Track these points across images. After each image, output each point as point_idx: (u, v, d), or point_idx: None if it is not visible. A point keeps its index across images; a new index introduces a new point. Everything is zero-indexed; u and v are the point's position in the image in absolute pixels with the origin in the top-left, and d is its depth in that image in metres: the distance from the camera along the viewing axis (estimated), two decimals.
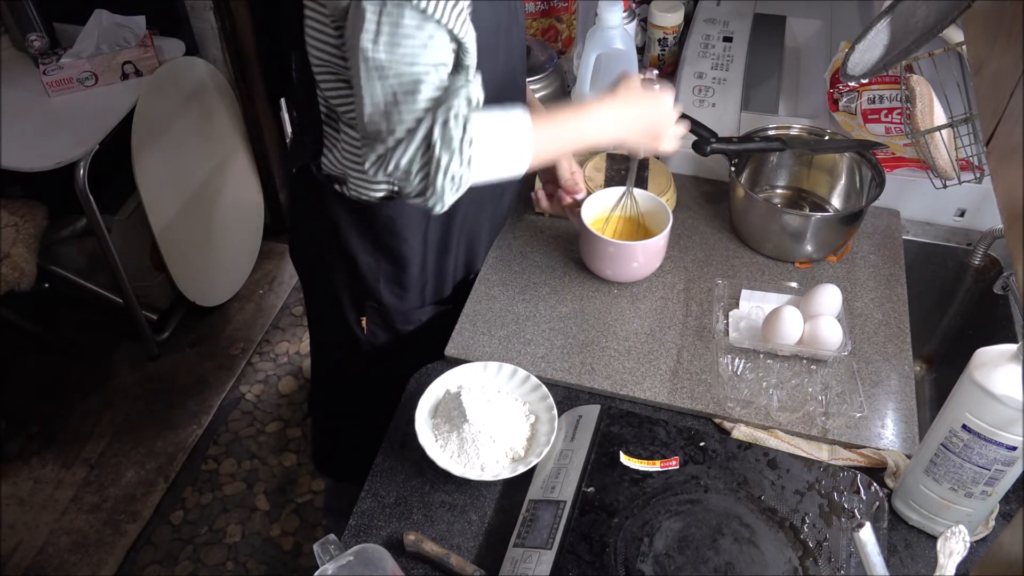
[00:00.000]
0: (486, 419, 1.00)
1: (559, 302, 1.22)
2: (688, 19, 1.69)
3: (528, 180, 1.42)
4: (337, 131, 1.08)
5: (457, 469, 0.98)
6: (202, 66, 2.23)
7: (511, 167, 1.00)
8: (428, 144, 0.92)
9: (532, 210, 1.37)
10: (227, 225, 2.45)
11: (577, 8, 1.71)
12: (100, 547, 1.97)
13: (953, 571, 0.79)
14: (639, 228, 1.26)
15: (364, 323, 1.27)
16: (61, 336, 2.48)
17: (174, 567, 1.93)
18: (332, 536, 0.86)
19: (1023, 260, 0.59)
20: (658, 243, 1.20)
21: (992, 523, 0.95)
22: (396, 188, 1.10)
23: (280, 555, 1.95)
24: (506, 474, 0.98)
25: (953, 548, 0.79)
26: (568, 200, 1.23)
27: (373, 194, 1.12)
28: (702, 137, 1.28)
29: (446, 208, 0.97)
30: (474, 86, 0.95)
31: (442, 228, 1.20)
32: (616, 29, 1.33)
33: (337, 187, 1.14)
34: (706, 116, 1.34)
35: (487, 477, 0.97)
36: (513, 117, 0.98)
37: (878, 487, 0.95)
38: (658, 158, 1.41)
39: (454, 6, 0.89)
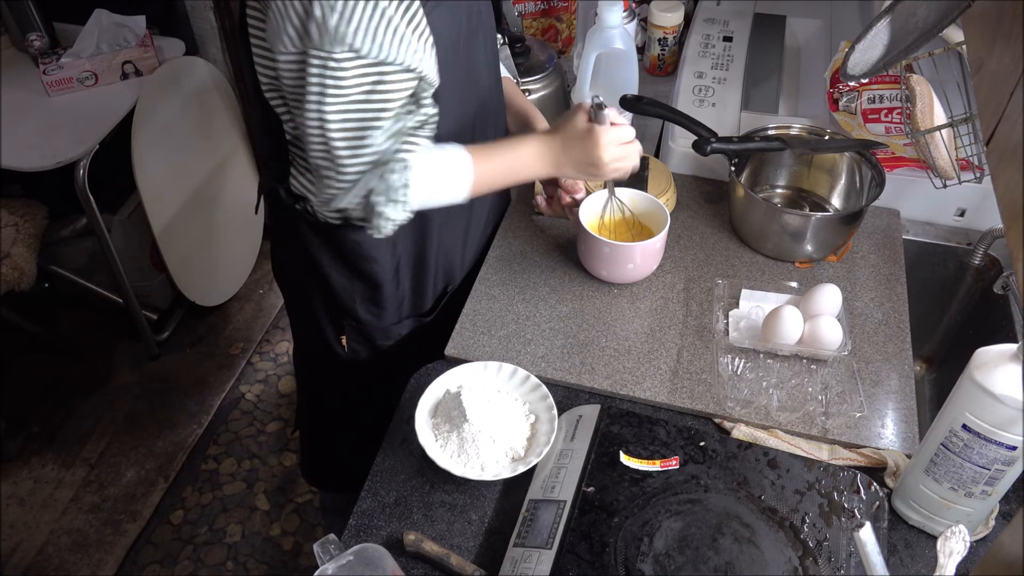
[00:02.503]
0: (486, 419, 1.00)
1: (559, 302, 1.22)
2: (688, 19, 1.69)
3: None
4: (305, 157, 1.08)
5: (457, 469, 0.98)
6: (202, 66, 2.23)
7: (449, 200, 1.06)
8: (369, 192, 0.98)
9: (532, 211, 1.37)
10: (227, 225, 2.45)
11: (577, 8, 1.72)
12: (100, 547, 1.97)
13: (953, 571, 0.79)
14: (639, 229, 1.26)
15: (344, 341, 1.28)
16: (61, 336, 2.48)
17: (174, 567, 1.93)
18: (332, 536, 0.86)
19: (1023, 260, 0.59)
20: (654, 245, 1.20)
21: (992, 523, 0.95)
22: None
23: (280, 555, 1.95)
24: (506, 474, 0.98)
25: (953, 548, 0.79)
26: (568, 200, 1.23)
27: (332, 218, 1.13)
28: (702, 137, 1.28)
29: (388, 234, 1.03)
30: (423, 133, 1.00)
31: (415, 246, 1.20)
32: (616, 29, 1.33)
33: (308, 209, 1.14)
34: (706, 116, 1.34)
35: (487, 477, 0.97)
36: (453, 157, 1.03)
37: (878, 487, 0.95)
38: (645, 160, 1.41)
39: (399, 41, 0.90)
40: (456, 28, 1.03)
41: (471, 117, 1.14)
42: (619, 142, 1.08)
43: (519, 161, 1.09)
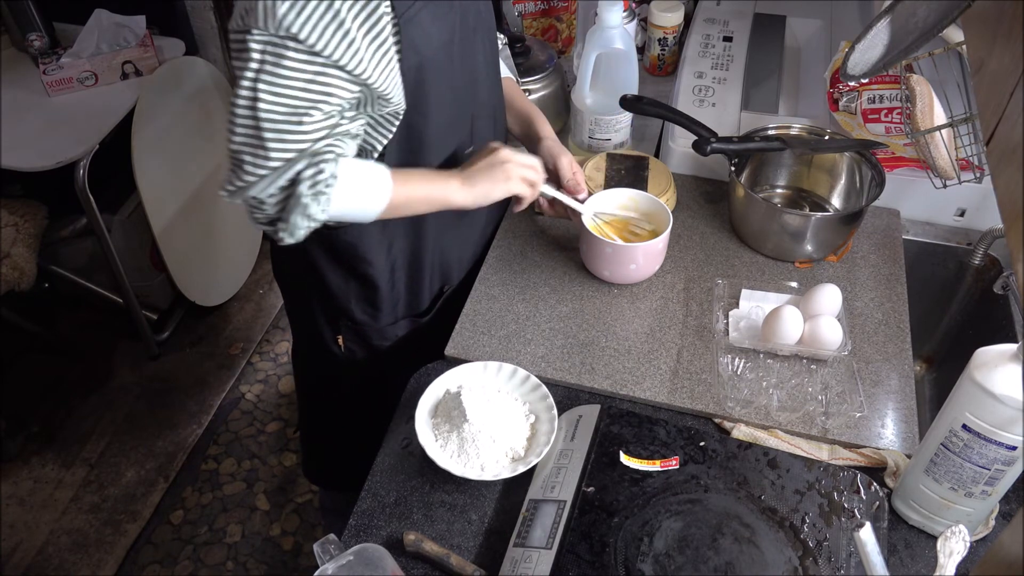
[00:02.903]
0: (486, 419, 1.00)
1: (559, 302, 1.22)
2: (688, 19, 1.69)
3: None
4: None
5: (457, 469, 0.98)
6: (202, 66, 2.23)
7: (362, 213, 1.04)
8: (293, 183, 0.95)
9: (533, 211, 1.37)
10: (227, 225, 2.45)
11: (577, 8, 1.72)
12: (100, 547, 1.97)
13: (953, 571, 0.79)
14: (641, 229, 1.26)
15: (341, 341, 1.28)
16: (61, 336, 2.48)
17: (174, 567, 1.93)
18: (332, 536, 0.86)
19: (1023, 260, 0.59)
20: (656, 245, 1.20)
21: (992, 523, 0.95)
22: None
23: (280, 555, 1.95)
24: (506, 474, 0.98)
25: (953, 548, 0.79)
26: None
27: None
28: (702, 137, 1.28)
29: (297, 241, 1.01)
30: (349, 141, 0.99)
31: (410, 248, 1.20)
32: (616, 29, 1.33)
33: None
34: (706, 116, 1.34)
35: (487, 477, 0.97)
36: (375, 170, 1.02)
37: (878, 487, 0.95)
38: (638, 159, 1.41)
39: (347, 44, 0.89)
40: (448, 28, 1.02)
41: (468, 117, 1.14)
42: (512, 149, 1.11)
43: (435, 184, 1.08)
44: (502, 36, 1.40)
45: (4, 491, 2.08)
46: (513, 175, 1.10)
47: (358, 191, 1.01)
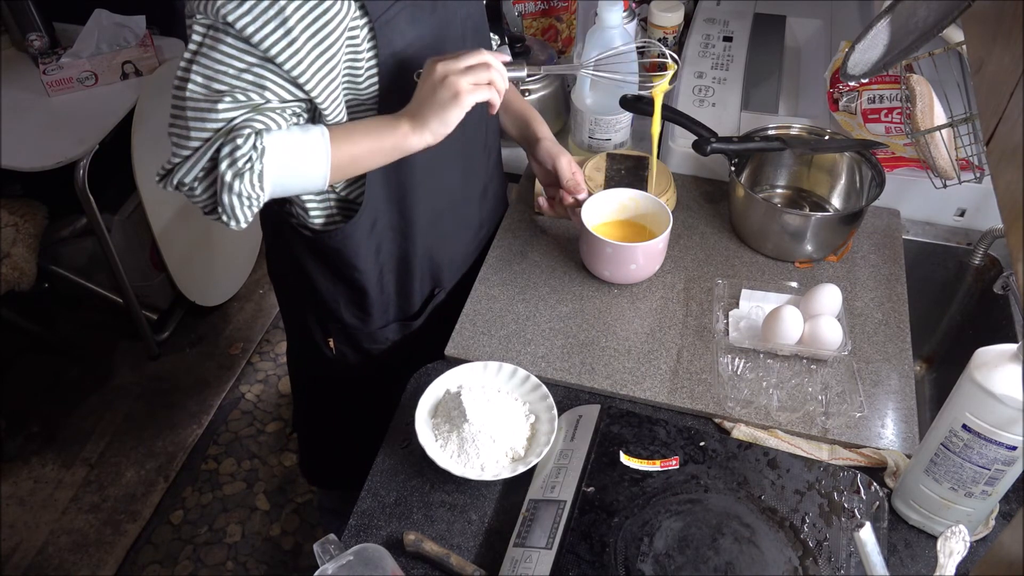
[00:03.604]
0: (486, 419, 1.00)
1: (559, 302, 1.22)
2: (688, 19, 1.69)
3: (528, 183, 1.42)
4: None
5: (457, 469, 0.98)
6: None
7: (309, 182, 0.98)
8: (214, 163, 0.93)
9: (533, 211, 1.37)
10: None
11: (577, 8, 1.71)
12: (100, 547, 1.97)
13: (953, 571, 0.79)
14: (641, 229, 1.26)
15: (332, 344, 1.28)
16: (61, 336, 2.48)
17: (174, 567, 1.93)
18: (332, 536, 0.86)
19: (1023, 260, 0.59)
20: (656, 245, 1.19)
21: (992, 523, 0.95)
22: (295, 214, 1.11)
23: (280, 555, 1.95)
24: (506, 474, 0.98)
25: (953, 548, 0.79)
26: (570, 200, 1.23)
27: (311, 222, 1.13)
28: (702, 137, 1.28)
29: (244, 225, 0.96)
30: (269, 120, 0.94)
31: (398, 252, 1.19)
32: (616, 29, 1.33)
33: (292, 212, 1.14)
34: (706, 116, 1.34)
35: (487, 477, 0.97)
36: (309, 133, 0.96)
37: (878, 487, 0.95)
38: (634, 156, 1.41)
39: (288, 43, 0.89)
40: (429, 30, 1.01)
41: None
42: (450, 58, 0.96)
43: (382, 131, 0.98)
44: (501, 36, 1.40)
45: (4, 491, 2.08)
46: (461, 86, 0.94)
47: (292, 160, 0.95)
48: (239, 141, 0.91)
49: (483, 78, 0.96)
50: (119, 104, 1.99)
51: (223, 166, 0.92)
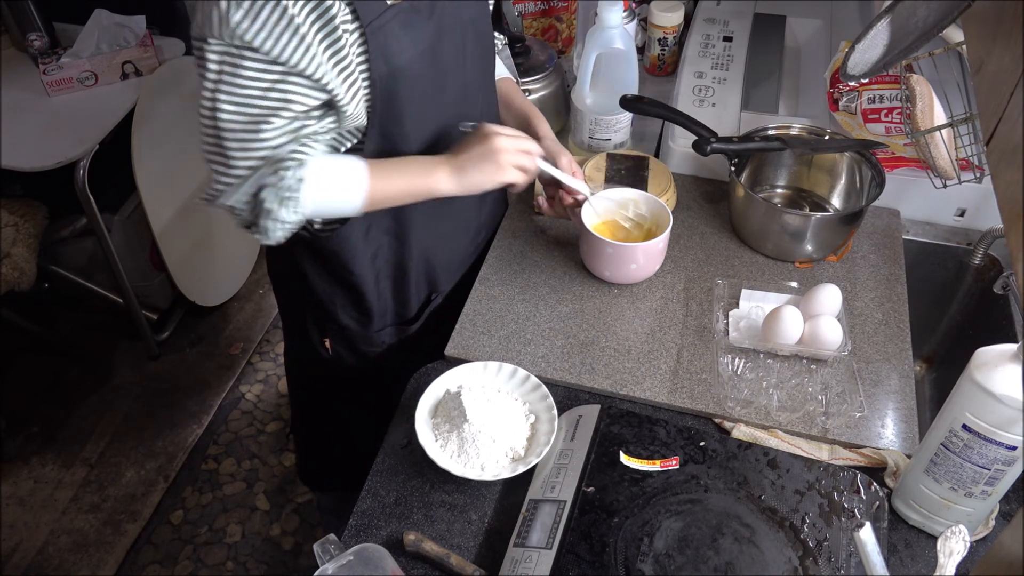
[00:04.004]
0: (486, 419, 1.00)
1: (559, 302, 1.22)
2: (688, 19, 1.69)
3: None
4: None
5: (457, 469, 0.98)
6: None
7: (343, 209, 1.03)
8: (259, 190, 0.96)
9: (532, 211, 1.37)
10: (227, 225, 2.44)
11: (577, 8, 1.72)
12: (100, 547, 1.97)
13: (953, 571, 0.79)
14: (641, 229, 1.26)
15: (328, 344, 1.28)
16: (61, 336, 2.48)
17: (174, 567, 1.93)
18: (332, 536, 0.86)
19: (1023, 260, 0.59)
20: (657, 245, 1.19)
21: (992, 523, 0.95)
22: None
23: (280, 555, 1.95)
24: (506, 474, 0.98)
25: (953, 548, 0.79)
26: (569, 201, 1.23)
27: (309, 224, 1.13)
28: (702, 137, 1.28)
29: (278, 243, 1.01)
30: (316, 145, 0.98)
31: (394, 257, 1.19)
32: (616, 29, 1.33)
33: None
34: (706, 116, 1.34)
35: (487, 477, 0.97)
36: (348, 165, 1.00)
37: (878, 487, 0.95)
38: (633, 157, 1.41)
39: (304, 49, 0.89)
40: (426, 36, 1.00)
41: (456, 117, 1.11)
42: (507, 132, 1.06)
43: (418, 171, 1.05)
44: (502, 36, 1.40)
45: (4, 491, 2.08)
46: (506, 164, 1.05)
47: (329, 191, 1.00)
48: (283, 172, 0.95)
49: (527, 165, 1.07)
50: (119, 104, 1.99)
51: (266, 193, 0.96)
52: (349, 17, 0.92)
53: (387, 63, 0.97)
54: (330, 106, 0.98)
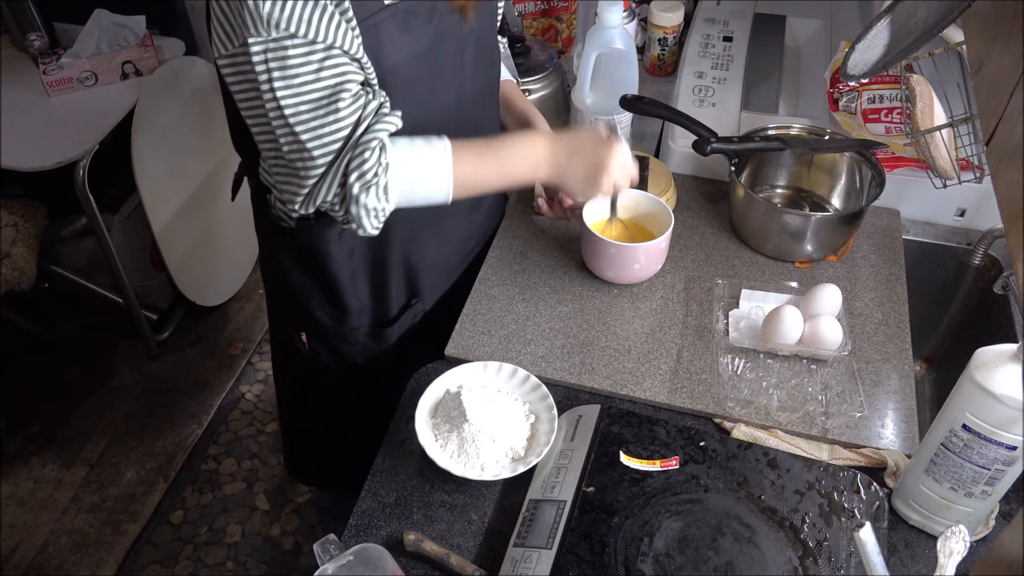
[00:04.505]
0: (486, 419, 1.00)
1: (559, 302, 1.22)
2: (688, 19, 1.69)
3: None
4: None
5: (457, 469, 0.98)
6: (202, 66, 2.23)
7: (432, 197, 1.02)
8: (345, 178, 0.95)
9: (532, 211, 1.37)
10: (227, 225, 2.45)
11: (577, 8, 1.72)
12: (100, 547, 1.97)
13: (953, 571, 0.79)
14: (641, 230, 1.26)
15: (304, 338, 1.27)
16: (61, 336, 2.48)
17: (174, 567, 1.93)
18: (332, 536, 0.86)
19: (1023, 260, 0.59)
20: (659, 245, 1.20)
21: (992, 523, 0.95)
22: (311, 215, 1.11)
23: (280, 555, 1.95)
24: (506, 474, 0.98)
25: (953, 548, 0.79)
26: (569, 202, 1.23)
27: (290, 216, 1.13)
28: (702, 137, 1.28)
29: (373, 233, 1.00)
30: (390, 117, 0.96)
31: (372, 256, 1.18)
32: (616, 29, 1.33)
33: (269, 202, 1.14)
34: (706, 116, 1.34)
35: (487, 477, 0.97)
36: (434, 149, 0.99)
37: (878, 487, 0.95)
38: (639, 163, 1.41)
39: (335, 26, 0.89)
40: (423, 40, 1.00)
41: (451, 133, 1.09)
42: (626, 161, 1.08)
43: (515, 160, 1.04)
44: (501, 36, 1.40)
45: (4, 491, 2.08)
46: (604, 186, 1.06)
47: (415, 175, 0.99)
48: (366, 155, 0.94)
49: (608, 191, 1.08)
50: (119, 104, 1.99)
51: (352, 178, 0.95)
52: (350, 14, 0.93)
53: (378, 63, 0.97)
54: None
